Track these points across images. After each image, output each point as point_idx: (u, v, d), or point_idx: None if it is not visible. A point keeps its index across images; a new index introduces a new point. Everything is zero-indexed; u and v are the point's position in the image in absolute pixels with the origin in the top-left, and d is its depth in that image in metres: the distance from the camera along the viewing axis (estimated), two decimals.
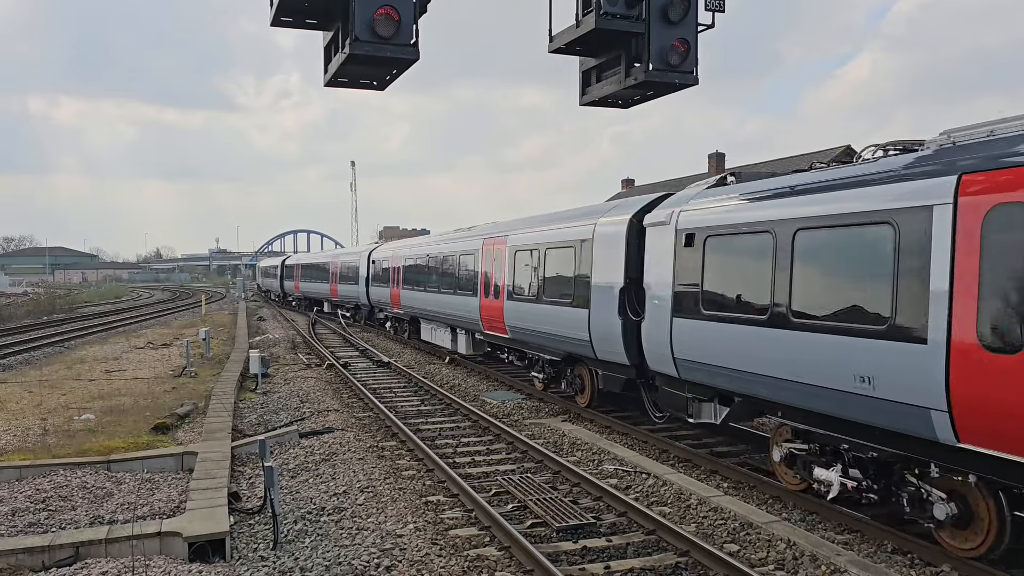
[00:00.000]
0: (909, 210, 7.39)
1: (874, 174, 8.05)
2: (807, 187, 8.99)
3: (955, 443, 7.01)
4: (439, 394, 17.60)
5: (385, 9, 7.06)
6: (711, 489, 10.08)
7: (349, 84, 8.26)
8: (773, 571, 7.53)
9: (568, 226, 15.57)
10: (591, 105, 9.36)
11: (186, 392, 17.63)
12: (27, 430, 13.60)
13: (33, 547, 7.57)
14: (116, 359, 24.45)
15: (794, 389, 8.89)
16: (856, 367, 7.91)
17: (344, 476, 10.98)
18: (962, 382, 6.81)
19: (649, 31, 8.07)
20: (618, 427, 13.91)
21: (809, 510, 9.36)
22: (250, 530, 8.82)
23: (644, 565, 7.69)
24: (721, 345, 10.17)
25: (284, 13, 7.47)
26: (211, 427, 13.16)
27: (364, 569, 7.62)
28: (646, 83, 8.32)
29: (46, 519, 8.79)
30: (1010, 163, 6.60)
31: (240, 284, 77.76)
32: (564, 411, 15.71)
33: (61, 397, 17.09)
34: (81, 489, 9.85)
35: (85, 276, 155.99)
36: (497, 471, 11.28)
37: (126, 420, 14.33)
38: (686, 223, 11.18)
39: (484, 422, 14.42)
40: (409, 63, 7.54)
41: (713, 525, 8.81)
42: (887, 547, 8.13)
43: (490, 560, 7.90)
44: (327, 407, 16.30)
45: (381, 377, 20.99)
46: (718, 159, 45.69)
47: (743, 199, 10.19)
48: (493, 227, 20.66)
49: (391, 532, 8.66)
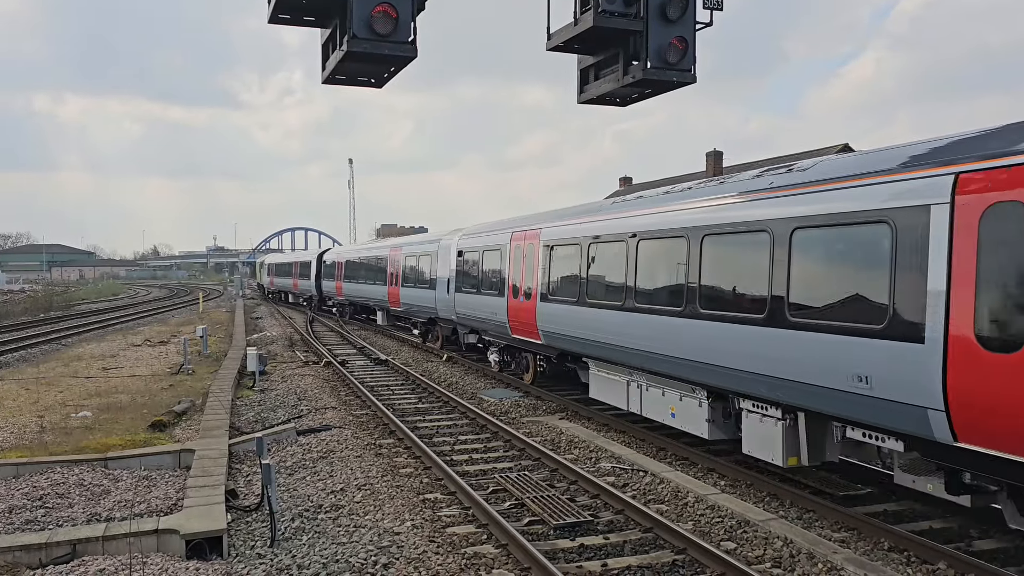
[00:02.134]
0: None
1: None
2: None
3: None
4: (436, 392, 17.60)
5: (383, 6, 7.04)
6: (708, 487, 10.10)
7: (347, 82, 8.24)
8: (770, 569, 7.54)
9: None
10: (589, 103, 9.35)
11: (183, 389, 17.62)
12: (24, 427, 13.59)
13: (30, 544, 7.56)
14: (113, 356, 24.43)
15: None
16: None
17: (342, 473, 10.98)
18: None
19: (647, 29, 8.07)
20: (615, 425, 13.92)
21: (806, 508, 9.37)
22: (247, 527, 8.81)
23: (641, 563, 7.70)
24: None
25: (282, 10, 7.45)
26: (208, 424, 13.15)
27: (361, 566, 7.62)
28: (644, 81, 8.31)
29: (43, 516, 8.78)
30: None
31: (238, 282, 77.65)
32: (561, 409, 15.72)
33: (58, 394, 17.07)
34: (78, 486, 9.83)
35: (82, 273, 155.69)
36: (495, 469, 11.28)
37: (123, 417, 14.32)
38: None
39: (482, 420, 14.43)
40: (407, 61, 7.53)
41: (710, 523, 8.82)
42: (884, 545, 8.14)
43: (487, 558, 7.91)
44: (325, 405, 16.30)
45: (379, 375, 21.00)
46: (716, 157, 45.71)
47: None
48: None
49: (388, 530, 8.66)
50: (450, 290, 22.70)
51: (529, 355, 17.92)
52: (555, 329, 15.29)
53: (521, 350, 18.33)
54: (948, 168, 7.13)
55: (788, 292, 8.92)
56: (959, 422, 6.87)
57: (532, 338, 16.56)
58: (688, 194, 11.61)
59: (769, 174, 9.96)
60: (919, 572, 7.52)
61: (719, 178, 11.76)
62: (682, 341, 10.95)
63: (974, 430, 6.80)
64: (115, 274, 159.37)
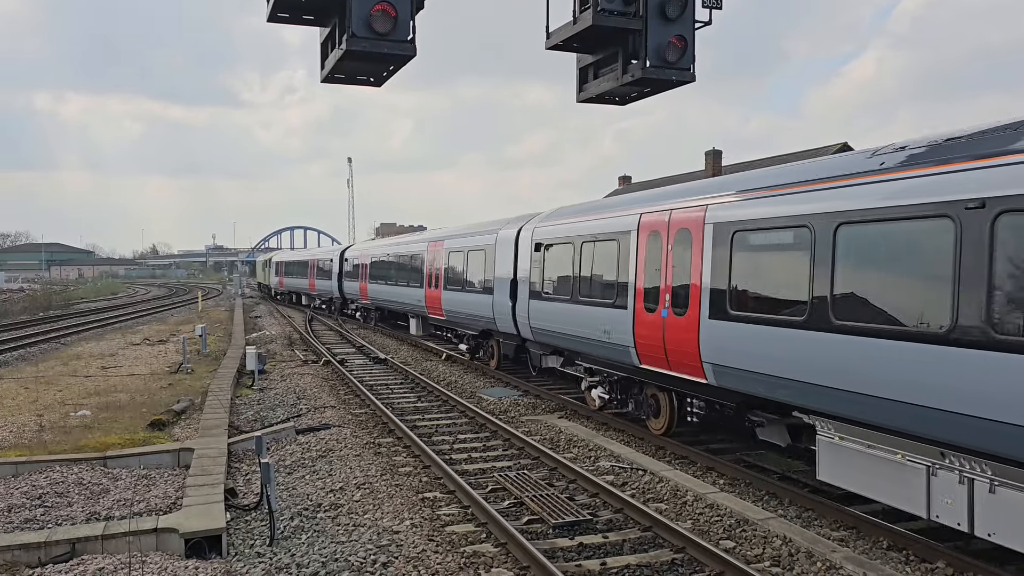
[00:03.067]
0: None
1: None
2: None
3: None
4: (436, 391, 17.61)
5: (382, 5, 7.04)
6: (707, 486, 10.11)
7: (346, 80, 8.23)
8: (769, 568, 7.55)
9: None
10: (588, 102, 9.35)
11: (183, 388, 17.62)
12: (23, 426, 13.58)
13: (29, 543, 7.55)
14: (112, 355, 24.43)
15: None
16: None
17: (341, 472, 10.99)
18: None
19: (646, 28, 8.06)
20: (614, 424, 13.92)
21: (805, 507, 9.38)
22: (247, 526, 8.82)
23: (640, 561, 7.71)
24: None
25: (281, 9, 7.45)
26: (208, 423, 13.15)
27: (360, 565, 7.62)
28: (643, 80, 8.30)
29: (42, 515, 8.77)
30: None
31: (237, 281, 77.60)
32: (560, 408, 15.72)
33: (57, 393, 17.06)
34: (77, 485, 9.83)
35: (81, 272, 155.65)
36: (494, 468, 11.29)
37: (122, 416, 14.31)
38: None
39: (481, 419, 14.43)
40: (406, 59, 7.52)
41: (709, 522, 8.83)
42: (883, 544, 8.15)
43: (486, 556, 7.91)
44: (324, 404, 16.30)
45: (378, 374, 21.00)
46: (715, 156, 45.69)
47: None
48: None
49: (388, 528, 8.67)
50: (518, 296, 17.57)
51: (665, 394, 12.51)
52: (751, 365, 9.75)
53: (652, 385, 12.78)
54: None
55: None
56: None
57: (687, 373, 11.18)
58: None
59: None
60: (918, 571, 7.53)
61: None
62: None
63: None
64: (114, 273, 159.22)
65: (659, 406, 12.71)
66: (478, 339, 21.98)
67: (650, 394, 12.93)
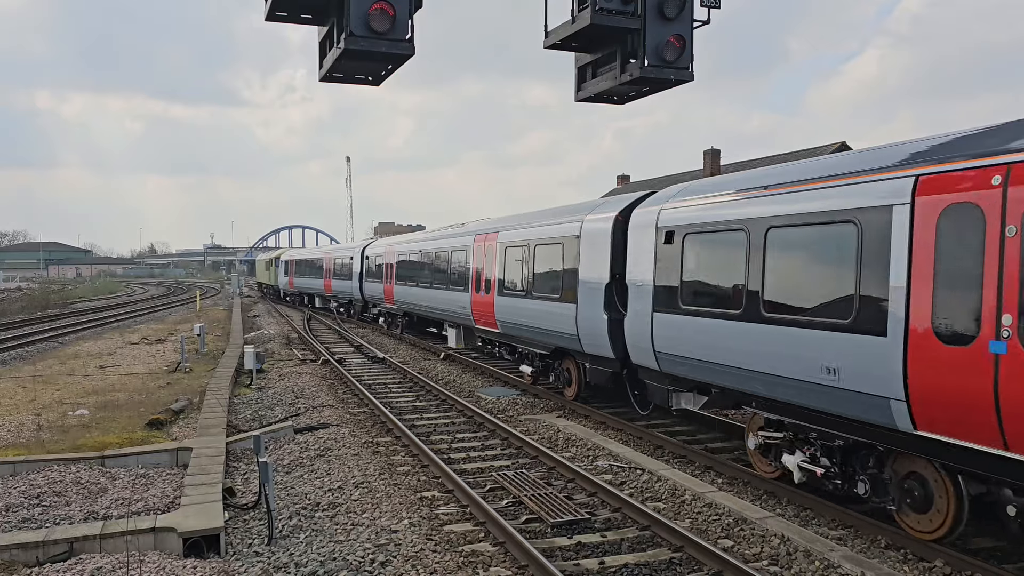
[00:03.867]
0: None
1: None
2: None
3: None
4: (434, 390, 17.60)
5: (380, 4, 7.04)
6: (706, 485, 10.11)
7: (344, 79, 8.23)
8: (767, 567, 7.55)
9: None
10: (586, 101, 9.35)
11: (181, 388, 17.60)
12: (21, 425, 13.56)
13: (27, 543, 7.55)
14: (111, 354, 24.40)
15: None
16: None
17: (339, 472, 10.98)
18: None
19: (645, 27, 8.07)
20: (613, 423, 13.92)
21: (803, 506, 9.39)
22: (245, 526, 8.81)
23: (639, 560, 7.71)
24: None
25: (279, 8, 7.45)
26: (206, 423, 13.14)
27: (359, 564, 7.62)
28: (641, 79, 8.31)
29: (40, 515, 8.77)
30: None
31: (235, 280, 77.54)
32: (559, 407, 15.72)
33: (55, 392, 17.04)
34: (75, 484, 9.83)
35: (79, 271, 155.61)
36: (492, 467, 11.29)
37: (120, 415, 14.30)
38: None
39: (479, 418, 14.43)
40: (404, 58, 7.52)
41: (707, 521, 8.83)
42: (881, 543, 8.16)
43: (485, 556, 7.91)
44: (322, 403, 16.29)
45: (376, 373, 20.99)
46: (713, 155, 45.67)
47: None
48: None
49: (386, 528, 8.66)
50: (628, 306, 12.72)
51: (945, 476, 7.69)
52: None
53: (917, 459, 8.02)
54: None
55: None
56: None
57: (991, 444, 6.70)
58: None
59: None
60: (916, 569, 7.53)
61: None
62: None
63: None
64: (112, 272, 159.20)
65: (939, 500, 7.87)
66: (548, 359, 16.98)
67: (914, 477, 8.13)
